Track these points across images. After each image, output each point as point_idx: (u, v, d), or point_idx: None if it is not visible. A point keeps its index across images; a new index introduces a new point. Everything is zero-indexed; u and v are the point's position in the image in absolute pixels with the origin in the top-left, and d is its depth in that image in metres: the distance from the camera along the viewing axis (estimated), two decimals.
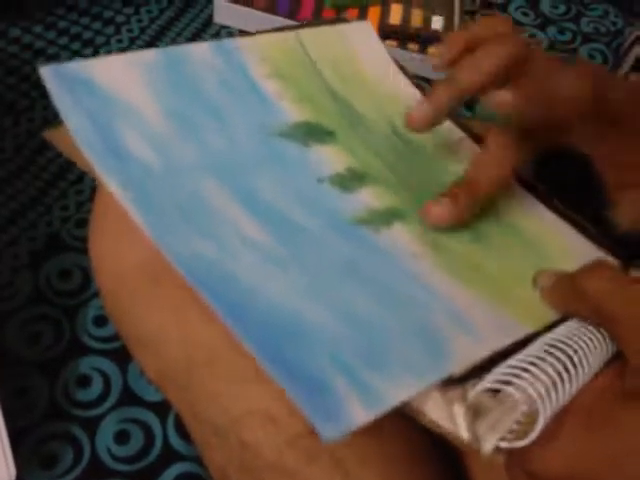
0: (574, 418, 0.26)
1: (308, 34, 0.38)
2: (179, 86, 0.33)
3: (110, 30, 0.82)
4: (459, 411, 0.26)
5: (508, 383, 0.26)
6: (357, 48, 0.39)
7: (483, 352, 0.27)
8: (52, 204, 0.65)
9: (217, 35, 0.84)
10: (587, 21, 0.95)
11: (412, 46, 0.80)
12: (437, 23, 0.82)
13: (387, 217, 0.32)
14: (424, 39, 0.81)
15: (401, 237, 0.32)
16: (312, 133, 0.34)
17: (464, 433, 0.25)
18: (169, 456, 0.52)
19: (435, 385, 0.26)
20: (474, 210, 0.34)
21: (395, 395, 0.25)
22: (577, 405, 0.26)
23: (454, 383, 0.26)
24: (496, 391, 0.26)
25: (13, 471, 0.42)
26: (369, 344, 0.26)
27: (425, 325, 0.28)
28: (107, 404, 0.54)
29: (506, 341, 0.28)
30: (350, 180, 0.33)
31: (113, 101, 0.30)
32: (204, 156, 0.31)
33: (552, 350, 0.27)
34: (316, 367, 0.25)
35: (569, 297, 0.30)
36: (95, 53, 0.79)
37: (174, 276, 0.35)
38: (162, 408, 0.54)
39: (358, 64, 0.39)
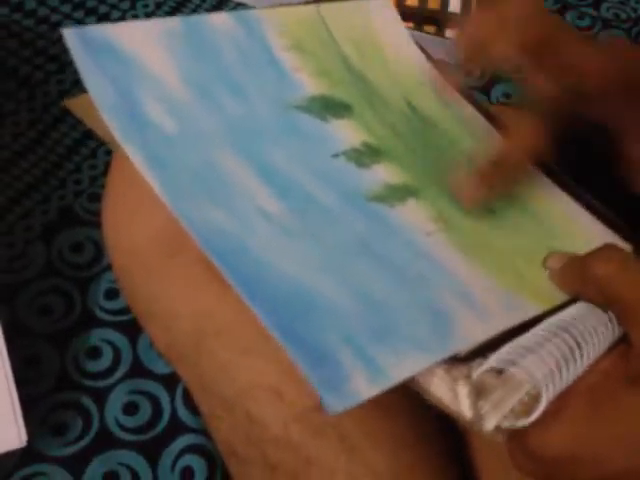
0: (577, 399, 0.26)
1: (329, 8, 0.38)
2: (200, 55, 0.33)
3: (125, 5, 0.82)
4: (463, 389, 0.26)
5: (512, 363, 0.26)
6: (377, 24, 0.39)
7: (490, 332, 0.28)
8: (66, 178, 0.65)
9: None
10: (607, 7, 0.93)
11: (428, 28, 0.80)
12: (455, 5, 0.81)
13: (402, 193, 0.33)
14: (441, 21, 0.80)
15: (415, 214, 0.32)
16: (329, 107, 0.35)
17: (467, 411, 0.26)
18: (176, 428, 0.53)
19: (440, 363, 0.26)
20: (502, 192, 0.34)
21: (400, 371, 0.25)
22: (581, 386, 0.27)
23: (459, 361, 0.27)
24: (500, 371, 0.26)
25: (24, 437, 0.43)
26: (377, 320, 0.27)
27: (434, 303, 0.28)
28: (116, 375, 0.54)
29: (514, 321, 0.29)
30: (366, 155, 0.34)
31: (134, 66, 0.31)
32: (221, 124, 0.31)
33: (558, 332, 0.27)
34: (325, 340, 0.25)
35: (578, 279, 0.30)
36: None
37: (187, 250, 0.35)
38: (170, 381, 0.54)
39: (377, 40, 0.39)
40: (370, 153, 0.34)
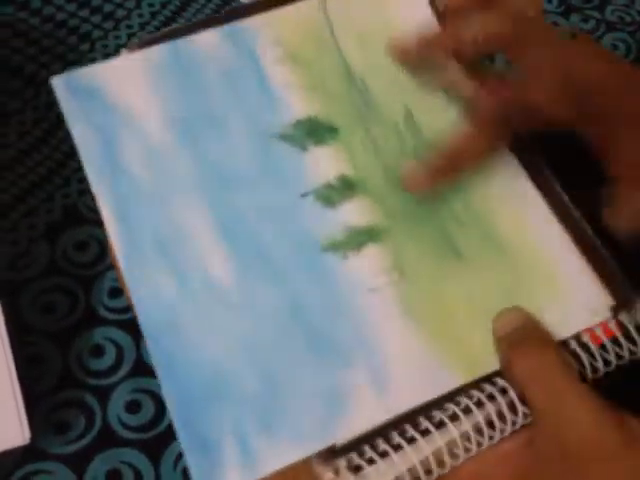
0: None
1: (336, 4, 0.37)
2: (184, 88, 0.33)
3: (131, 3, 0.82)
4: None
5: (358, 469, 0.28)
6: (397, 16, 0.37)
7: (385, 416, 0.29)
8: (70, 176, 0.66)
9: None
10: (612, 9, 0.94)
11: None
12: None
13: (362, 238, 0.33)
14: None
15: (367, 265, 0.32)
16: (313, 132, 0.34)
17: None
18: None
19: (315, 452, 0.28)
20: (451, 184, 0.34)
21: (271, 462, 0.27)
22: (472, 472, 0.28)
23: (332, 453, 0.29)
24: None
25: (27, 435, 0.43)
26: (272, 406, 0.28)
27: (339, 381, 0.29)
28: (119, 374, 0.55)
29: (422, 399, 0.29)
30: (337, 191, 0.34)
31: (118, 111, 0.32)
32: (195, 171, 0.32)
33: (431, 428, 0.29)
34: (216, 431, 0.27)
35: (502, 362, 0.30)
36: (115, 27, 0.79)
37: None
38: None
39: (390, 34, 0.37)
40: (343, 188, 0.33)
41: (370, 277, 0.31)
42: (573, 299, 0.31)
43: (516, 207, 0.34)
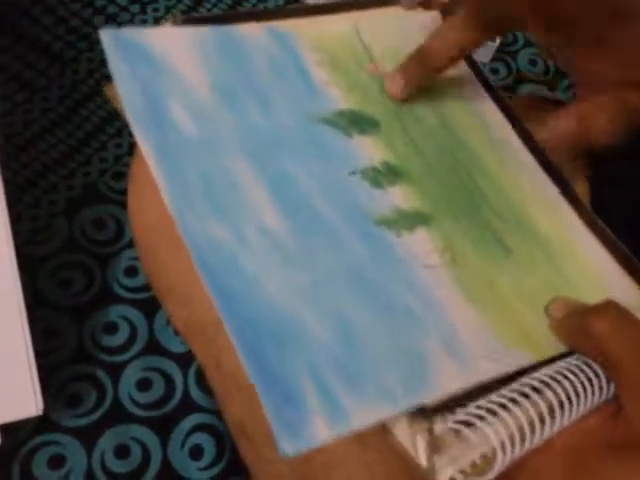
0: (556, 461, 0.26)
1: (367, 24, 0.38)
2: (229, 63, 0.33)
3: (135, 8, 0.82)
4: (421, 441, 0.26)
5: (470, 425, 0.26)
6: (419, 41, 0.38)
7: (466, 383, 0.28)
8: (91, 155, 0.66)
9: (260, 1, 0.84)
10: None
11: None
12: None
13: (412, 220, 0.32)
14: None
15: (420, 244, 0.31)
16: (355, 122, 0.34)
17: (423, 462, 0.26)
18: (188, 406, 0.54)
19: (405, 411, 0.26)
20: (425, 80, 0.36)
21: (362, 418, 0.25)
22: (563, 446, 0.26)
23: (425, 412, 0.27)
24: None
25: (40, 405, 0.44)
26: (351, 360, 0.26)
27: (415, 347, 0.28)
28: (132, 352, 0.55)
29: (497, 373, 0.28)
30: (384, 175, 0.33)
31: (164, 70, 0.31)
32: (242, 133, 0.31)
33: (531, 392, 0.27)
34: (294, 376, 0.25)
35: (576, 332, 0.29)
36: (142, 10, 0.80)
37: None
38: (185, 360, 0.55)
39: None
40: (388, 174, 0.33)
41: (424, 255, 0.31)
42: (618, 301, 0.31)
43: (549, 209, 0.35)
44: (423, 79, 0.36)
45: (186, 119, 0.30)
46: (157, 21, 0.78)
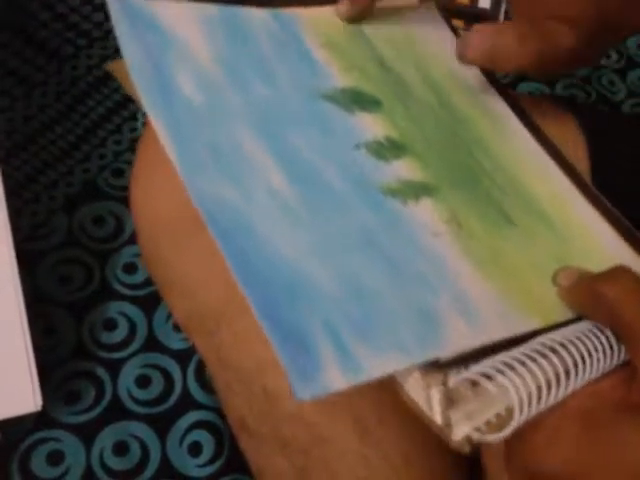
0: (572, 422, 0.26)
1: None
2: (234, 39, 0.33)
3: None
4: (436, 395, 0.26)
5: (489, 378, 0.26)
6: (417, 30, 0.39)
7: (477, 341, 0.27)
8: (90, 152, 0.66)
9: None
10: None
11: (457, 22, 0.80)
12: (485, 1, 0.81)
13: (417, 191, 0.33)
14: (490, 19, 0.80)
15: (426, 213, 0.32)
16: (357, 99, 0.35)
17: (437, 417, 0.26)
18: (187, 403, 0.54)
19: (418, 365, 0.26)
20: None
21: (376, 368, 0.25)
22: (577, 408, 0.26)
23: (439, 367, 0.26)
24: (476, 383, 0.26)
25: (39, 402, 0.44)
26: (364, 313, 0.27)
27: (426, 305, 0.28)
28: (131, 348, 0.55)
29: (507, 333, 0.28)
30: (387, 149, 0.34)
31: (171, 40, 0.31)
32: (247, 104, 0.32)
33: (548, 353, 0.27)
34: (306, 326, 0.25)
35: (587, 299, 0.29)
36: None
37: None
38: (184, 356, 0.55)
39: (414, 40, 0.39)
40: (392, 148, 0.34)
41: (431, 223, 0.31)
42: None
43: (549, 184, 0.35)
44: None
45: (193, 87, 0.30)
46: None
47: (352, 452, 0.34)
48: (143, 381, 0.54)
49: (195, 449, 0.52)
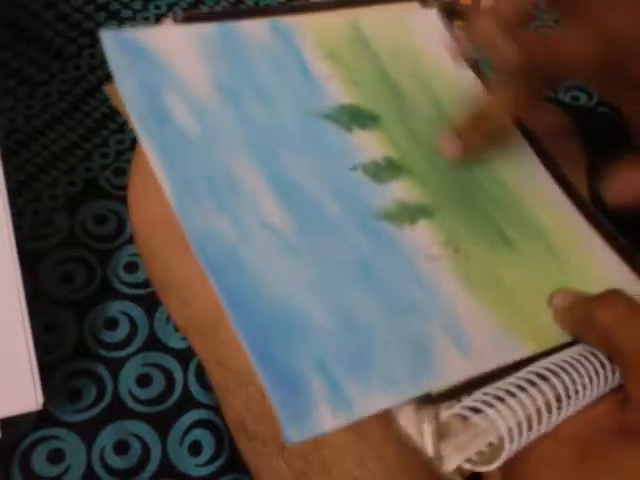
0: (566, 449, 0.26)
1: (367, 20, 0.38)
2: (231, 61, 0.33)
3: (138, 4, 0.82)
4: (427, 429, 0.26)
5: (478, 411, 0.26)
6: (419, 37, 0.38)
7: (469, 372, 0.28)
8: (92, 151, 0.66)
9: None
10: None
11: (459, 23, 0.80)
12: (487, 2, 0.81)
13: (414, 213, 0.32)
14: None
15: (422, 237, 0.32)
16: (356, 117, 0.35)
17: (429, 450, 0.26)
18: (187, 402, 0.54)
19: (411, 400, 0.26)
20: (479, 146, 0.34)
21: (367, 406, 0.25)
22: (573, 434, 0.26)
23: (431, 400, 0.27)
24: (467, 416, 0.26)
25: (40, 400, 0.44)
26: (357, 350, 0.27)
27: (420, 336, 0.28)
28: (132, 347, 0.55)
29: (498, 362, 0.28)
30: (385, 170, 0.33)
31: (165, 69, 0.32)
32: (244, 131, 0.31)
33: (537, 380, 0.27)
34: (298, 366, 0.25)
35: (581, 322, 0.29)
36: (144, 7, 0.80)
37: None
38: (184, 356, 0.55)
39: (417, 50, 0.39)
40: (389, 168, 0.33)
41: (427, 247, 0.31)
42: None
43: (549, 203, 0.35)
44: (481, 146, 0.35)
45: (188, 117, 0.30)
46: (159, 18, 0.78)
47: (350, 455, 0.34)
48: (144, 380, 0.54)
49: (195, 448, 0.52)
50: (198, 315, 0.38)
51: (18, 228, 0.48)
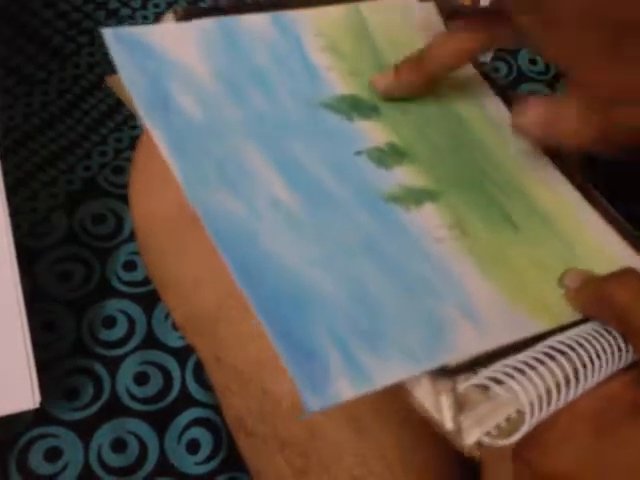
0: (582, 424, 0.26)
1: (370, 7, 0.39)
2: (232, 53, 0.34)
3: (137, 3, 0.82)
4: (445, 402, 0.26)
5: (499, 382, 0.26)
6: (418, 28, 0.39)
7: (485, 346, 0.28)
8: (91, 149, 0.66)
9: None
10: None
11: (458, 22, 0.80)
12: (486, 2, 0.81)
13: (420, 196, 0.33)
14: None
15: (429, 219, 0.32)
16: (357, 107, 0.35)
17: (448, 424, 0.26)
18: (185, 401, 0.54)
19: (427, 372, 0.26)
20: (418, 87, 0.35)
21: (384, 377, 0.25)
22: (586, 410, 0.27)
23: (447, 372, 0.26)
24: (486, 388, 0.26)
25: (37, 398, 0.44)
26: (370, 322, 0.27)
27: (432, 311, 0.28)
28: (130, 345, 0.55)
29: (513, 337, 0.28)
30: (389, 156, 0.34)
31: (167, 61, 0.32)
32: (247, 118, 0.32)
33: (555, 354, 0.27)
34: (315, 338, 0.25)
35: (594, 301, 0.29)
36: (143, 6, 0.80)
37: None
38: (182, 354, 0.55)
39: (416, 41, 0.39)
40: (393, 154, 0.34)
41: (434, 229, 0.31)
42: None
43: (551, 188, 0.35)
44: (416, 84, 0.35)
45: (193, 106, 0.31)
46: (158, 17, 0.78)
47: (349, 451, 0.34)
48: (142, 378, 0.54)
49: (193, 446, 0.52)
50: (198, 314, 0.38)
51: (16, 226, 0.48)
